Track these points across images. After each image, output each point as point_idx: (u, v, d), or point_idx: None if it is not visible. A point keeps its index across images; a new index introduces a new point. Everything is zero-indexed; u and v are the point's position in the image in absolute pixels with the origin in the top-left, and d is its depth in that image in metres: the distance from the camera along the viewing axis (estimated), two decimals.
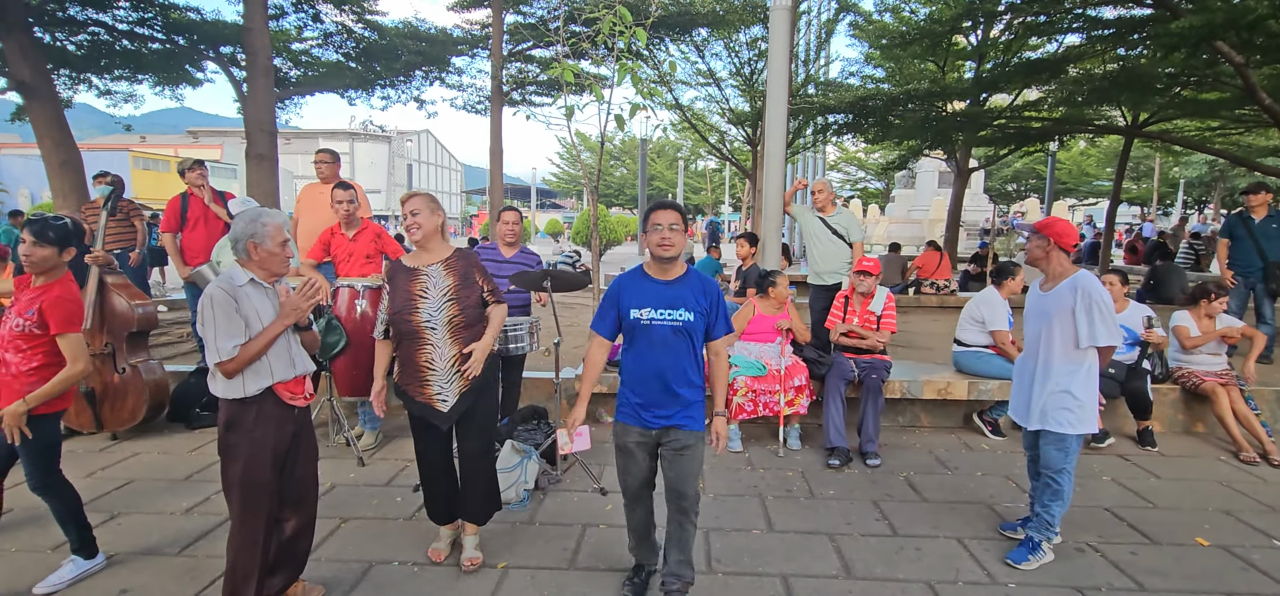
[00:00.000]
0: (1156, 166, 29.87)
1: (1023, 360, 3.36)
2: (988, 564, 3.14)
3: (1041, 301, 3.24)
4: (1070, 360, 3.09)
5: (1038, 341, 3.21)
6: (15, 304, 2.87)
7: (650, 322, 2.63)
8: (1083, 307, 3.04)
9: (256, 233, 2.47)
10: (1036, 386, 3.19)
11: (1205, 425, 4.99)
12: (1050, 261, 3.20)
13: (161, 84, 11.19)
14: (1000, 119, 11.18)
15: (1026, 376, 3.28)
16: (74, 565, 2.96)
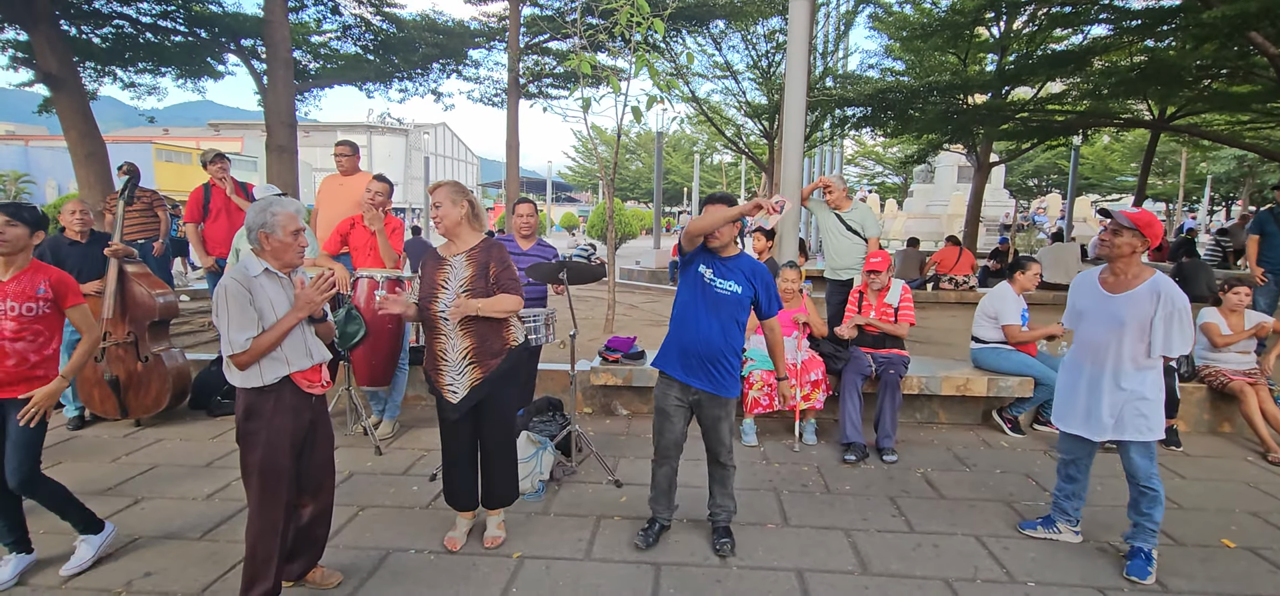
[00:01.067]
0: (1183, 162, 29.26)
1: (1077, 364, 3.11)
2: (1007, 562, 3.10)
3: (1108, 303, 2.97)
4: (1142, 366, 2.92)
5: (1103, 346, 2.97)
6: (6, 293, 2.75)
7: (710, 281, 3.00)
8: (1164, 316, 2.83)
9: (267, 222, 2.48)
10: (1104, 395, 2.96)
11: (1232, 425, 4.89)
12: (1131, 260, 2.94)
13: (184, 77, 11.35)
14: (1022, 112, 11.00)
15: (1084, 382, 3.05)
16: (88, 544, 3.00)
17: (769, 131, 14.81)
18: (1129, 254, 2.93)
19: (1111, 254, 2.97)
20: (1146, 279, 2.92)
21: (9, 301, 2.76)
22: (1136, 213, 2.91)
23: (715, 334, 2.98)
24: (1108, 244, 2.97)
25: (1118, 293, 2.97)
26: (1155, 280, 2.90)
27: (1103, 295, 3.03)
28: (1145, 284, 2.91)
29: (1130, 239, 2.90)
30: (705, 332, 2.98)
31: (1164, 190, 33.14)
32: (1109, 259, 3.01)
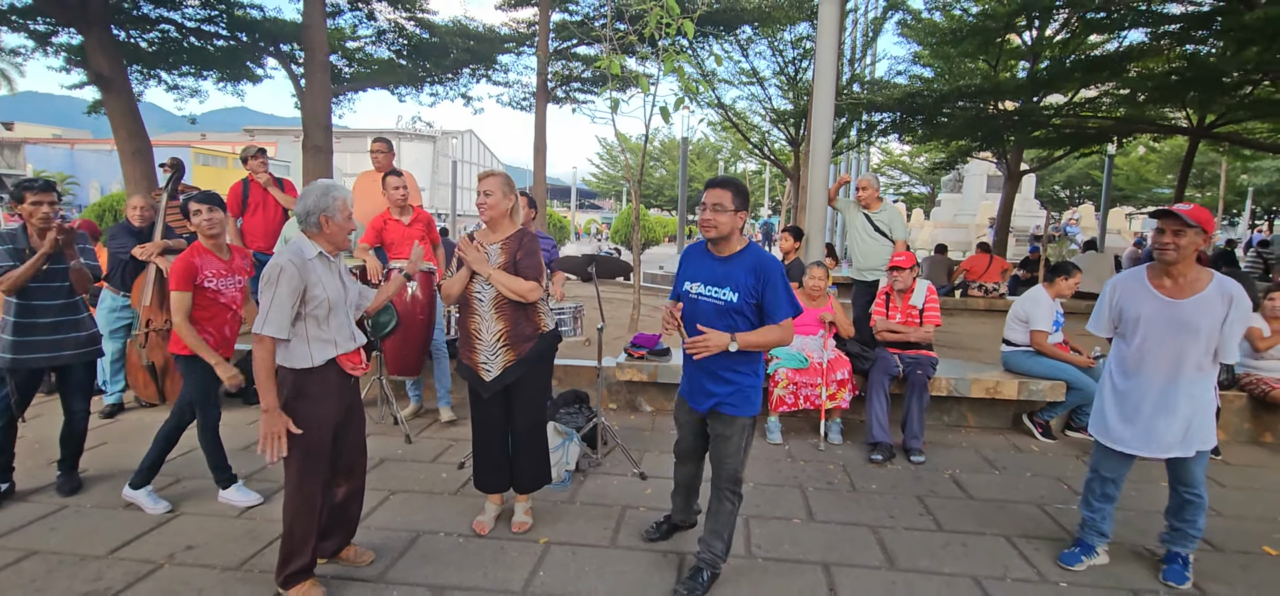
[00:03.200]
0: (1223, 173, 28.46)
1: (1134, 376, 2.84)
2: (1038, 562, 3.06)
3: (1173, 309, 2.74)
4: (1206, 373, 2.77)
5: (1170, 357, 2.74)
6: (227, 269, 3.38)
7: (697, 297, 2.68)
8: (1236, 318, 2.66)
9: (328, 206, 2.56)
10: (1177, 411, 2.75)
11: (1273, 435, 4.75)
12: (1192, 262, 2.74)
13: (224, 80, 11.73)
14: (1056, 118, 10.83)
15: (1149, 397, 2.80)
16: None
17: (795, 138, 14.77)
18: (1192, 254, 2.72)
19: (1176, 257, 2.71)
20: (1209, 281, 2.73)
21: (237, 276, 3.44)
22: (1193, 209, 2.71)
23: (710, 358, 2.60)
24: (1172, 246, 2.70)
25: (1183, 298, 2.73)
26: (1219, 281, 2.72)
27: (1163, 301, 2.77)
28: (1211, 286, 2.72)
29: (1194, 237, 2.67)
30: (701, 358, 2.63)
31: (1203, 202, 32.23)
32: (1171, 263, 2.74)
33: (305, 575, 2.60)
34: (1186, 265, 2.74)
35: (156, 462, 3.45)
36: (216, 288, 3.33)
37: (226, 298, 3.38)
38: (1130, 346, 2.86)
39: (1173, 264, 2.74)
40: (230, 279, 3.40)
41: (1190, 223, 2.65)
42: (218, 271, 3.34)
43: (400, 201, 4.59)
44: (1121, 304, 2.90)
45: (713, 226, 2.59)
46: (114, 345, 4.95)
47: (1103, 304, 2.98)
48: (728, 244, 2.66)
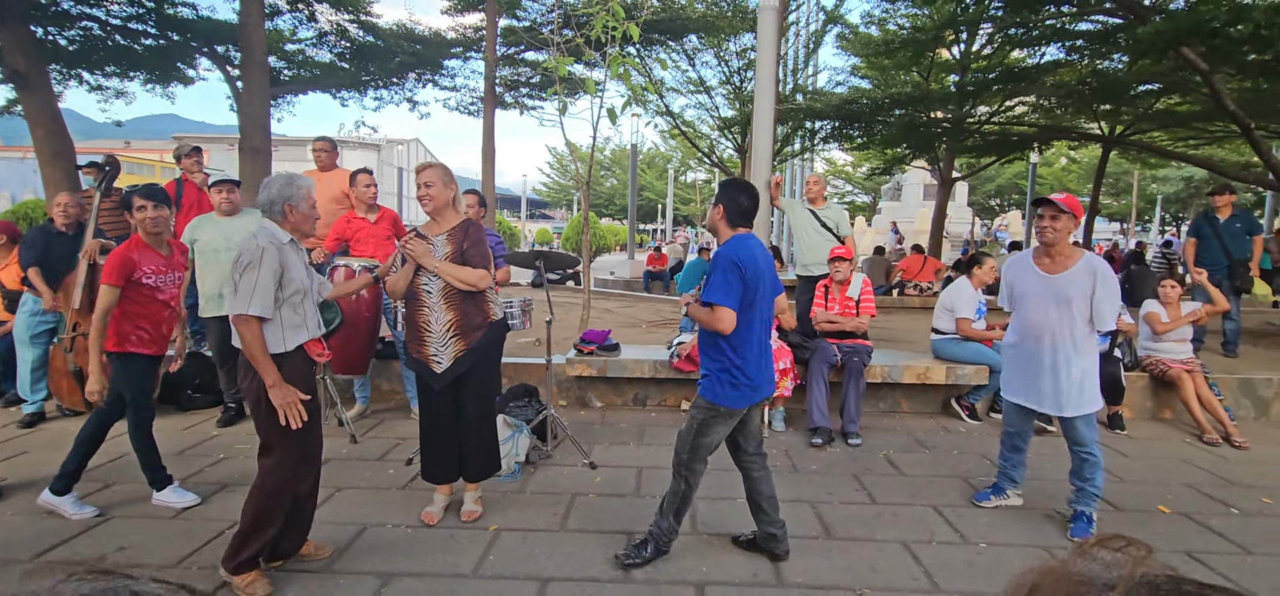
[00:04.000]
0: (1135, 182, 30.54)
1: (1024, 343, 3.25)
2: (961, 527, 3.28)
3: (1050, 284, 3.13)
4: (1088, 340, 3.12)
5: (1050, 326, 3.13)
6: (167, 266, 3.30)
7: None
8: (1105, 291, 3.04)
9: (292, 195, 2.61)
10: (1059, 372, 3.12)
11: (1172, 412, 5.18)
12: (1067, 243, 3.13)
13: (153, 82, 11.23)
14: (985, 125, 11.50)
15: (1036, 362, 3.19)
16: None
17: (741, 146, 15.13)
18: (1066, 236, 3.14)
19: (1054, 239, 3.12)
20: (1079, 258, 3.14)
21: (176, 273, 3.34)
22: (1065, 197, 3.15)
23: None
24: (1050, 228, 3.12)
25: (1057, 273, 3.15)
26: (1088, 258, 3.14)
27: (1043, 277, 3.18)
28: (1080, 262, 3.13)
29: (1067, 222, 3.12)
30: None
31: (1118, 210, 34.49)
32: (1050, 243, 3.16)
33: (253, 564, 2.59)
34: (1062, 245, 3.14)
35: (80, 466, 3.32)
36: (155, 284, 3.25)
37: (165, 294, 3.31)
38: (1021, 316, 3.31)
39: (1052, 244, 3.14)
40: (169, 275, 3.33)
41: (1064, 209, 3.09)
42: (157, 268, 3.27)
43: (370, 199, 4.62)
44: (1012, 280, 3.36)
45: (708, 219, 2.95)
46: (35, 352, 4.72)
47: (1003, 280, 3.46)
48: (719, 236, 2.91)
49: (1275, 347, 6.65)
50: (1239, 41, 6.11)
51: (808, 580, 2.76)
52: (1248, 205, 15.90)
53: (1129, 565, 0.47)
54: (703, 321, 2.78)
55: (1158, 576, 0.46)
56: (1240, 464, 4.26)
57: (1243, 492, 3.79)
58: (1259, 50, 6.19)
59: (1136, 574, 0.46)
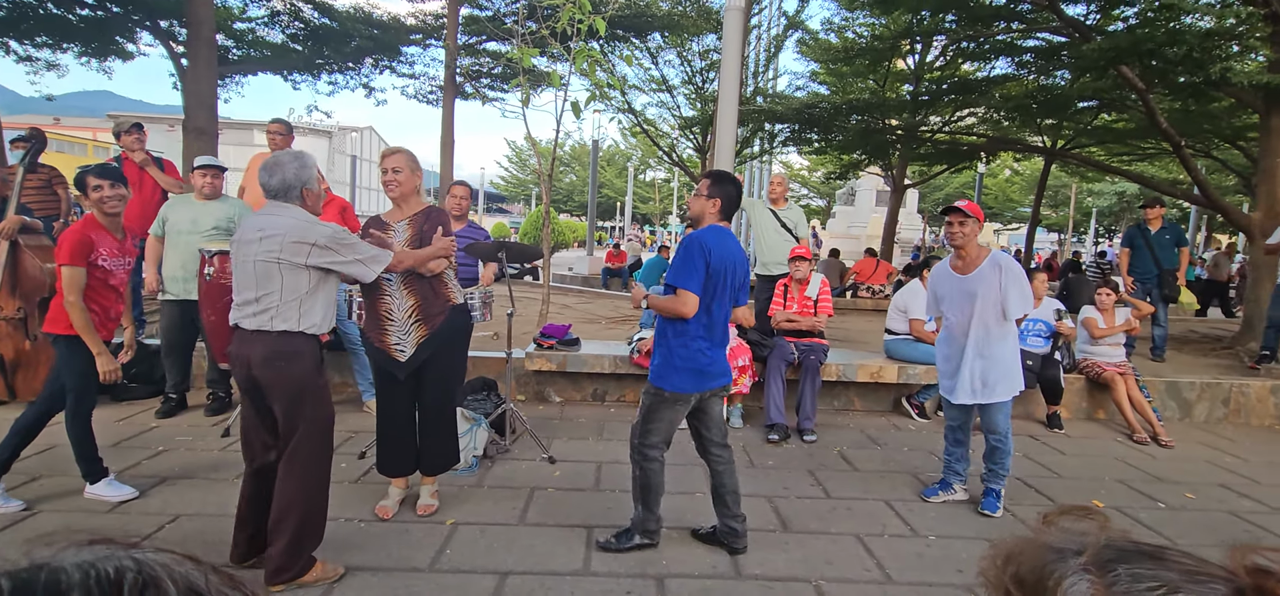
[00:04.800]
0: (1073, 194, 32.03)
1: (949, 341, 3.52)
2: (911, 520, 3.38)
3: (962, 284, 3.40)
4: (1000, 332, 3.35)
5: (965, 321, 3.38)
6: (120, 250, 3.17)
7: None
8: (1009, 282, 3.29)
9: (308, 178, 2.57)
10: (971, 363, 3.37)
11: (1105, 412, 5.46)
12: (974, 244, 3.41)
13: (89, 55, 10.61)
14: (937, 134, 11.90)
15: (956, 355, 3.45)
16: None
17: (702, 146, 15.26)
18: (973, 238, 3.38)
19: (963, 241, 3.38)
20: (985, 257, 3.39)
21: (127, 258, 3.21)
22: (969, 203, 3.42)
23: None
24: (959, 233, 3.38)
25: (968, 274, 3.41)
26: (995, 255, 3.39)
27: (956, 278, 3.43)
28: (986, 261, 3.38)
29: (973, 226, 3.37)
30: None
31: (1056, 220, 36.14)
32: (959, 246, 3.42)
33: (312, 561, 2.58)
34: (971, 247, 3.40)
35: (11, 457, 3.13)
36: (109, 267, 3.11)
37: (117, 279, 3.18)
38: (944, 318, 3.54)
39: (961, 247, 3.40)
40: (121, 260, 3.19)
41: (969, 214, 3.36)
42: (112, 250, 3.13)
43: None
44: (934, 286, 3.61)
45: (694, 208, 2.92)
46: None
47: (928, 291, 3.68)
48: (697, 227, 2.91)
49: (1199, 353, 7.08)
50: (1173, 63, 6.48)
51: (765, 572, 2.81)
52: (1175, 219, 16.87)
53: (1093, 532, 0.51)
54: (663, 308, 2.80)
55: (1121, 541, 0.49)
56: (1166, 461, 4.52)
57: (1169, 488, 4.02)
58: (1190, 72, 6.58)
59: (1101, 539, 0.50)
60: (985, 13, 8.58)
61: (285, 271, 2.45)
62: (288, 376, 2.48)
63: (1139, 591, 0.45)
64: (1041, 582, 0.49)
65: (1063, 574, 0.48)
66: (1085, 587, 0.47)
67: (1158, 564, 0.47)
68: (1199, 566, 0.47)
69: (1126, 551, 0.48)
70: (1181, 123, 8.90)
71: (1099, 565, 0.48)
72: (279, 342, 2.47)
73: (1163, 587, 0.45)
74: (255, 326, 2.49)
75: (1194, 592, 0.44)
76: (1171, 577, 0.45)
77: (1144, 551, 0.48)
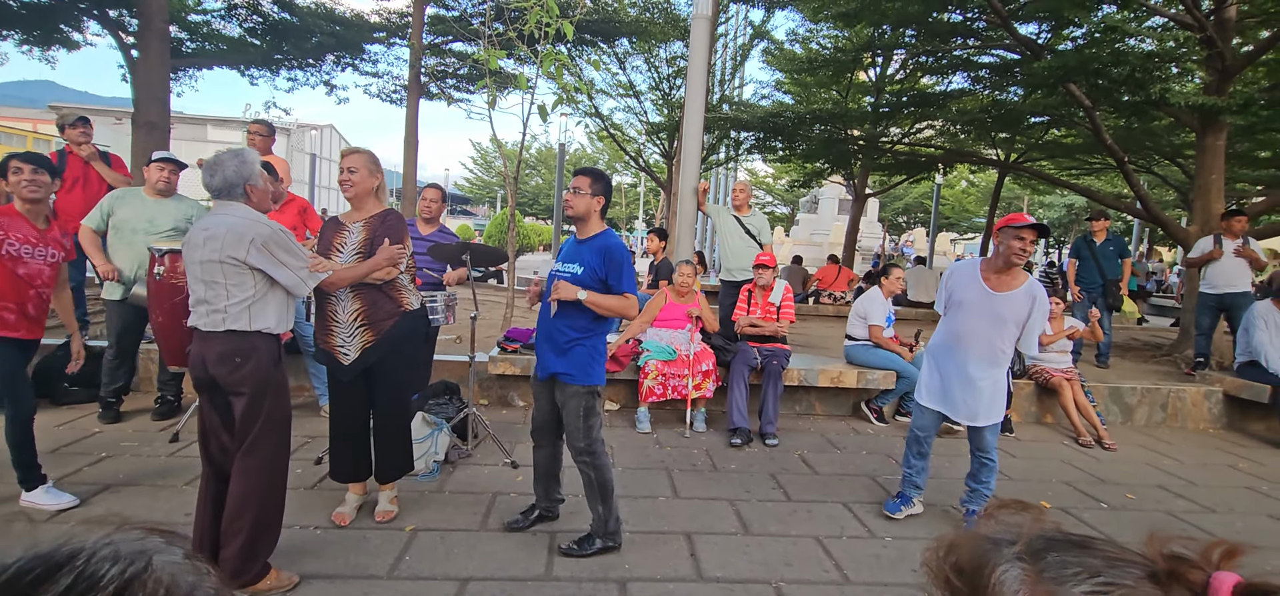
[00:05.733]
0: (1025, 206, 33.20)
1: (949, 349, 3.32)
2: (868, 523, 3.46)
3: (992, 301, 3.18)
4: (1004, 358, 3.28)
5: (980, 338, 3.21)
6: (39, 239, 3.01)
7: (555, 273, 2.95)
8: (1039, 316, 3.17)
9: (250, 173, 2.50)
10: (978, 384, 3.23)
11: (1053, 417, 5.67)
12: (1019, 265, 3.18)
13: (31, 43, 10.13)
14: (897, 144, 12.22)
15: (958, 370, 3.27)
16: None
17: (668, 151, 15.36)
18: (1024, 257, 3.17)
19: (1020, 259, 3.13)
20: (1024, 281, 3.22)
21: (49, 248, 3.05)
22: (1019, 215, 3.21)
23: (546, 313, 2.91)
24: (1022, 252, 3.11)
25: (1001, 292, 3.18)
26: (1031, 283, 3.22)
27: (987, 292, 3.21)
28: (1024, 287, 3.19)
29: (1030, 239, 3.13)
30: (542, 315, 2.95)
31: None
32: (1015, 263, 3.16)
33: (267, 567, 2.52)
34: (1020, 268, 3.21)
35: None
36: (17, 253, 2.93)
37: (29, 269, 2.97)
38: (953, 323, 3.36)
39: (1013, 265, 3.18)
40: (40, 250, 3.01)
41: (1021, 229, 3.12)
42: (25, 237, 2.96)
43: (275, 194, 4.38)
44: (954, 287, 3.38)
45: (569, 205, 2.89)
46: None
47: (941, 285, 3.49)
48: (585, 227, 2.93)
49: (1140, 360, 7.41)
50: (1117, 82, 6.79)
51: (726, 574, 2.84)
52: (1120, 231, 17.65)
53: (1028, 523, 0.55)
54: (613, 310, 2.87)
55: (1051, 531, 0.53)
56: (1109, 463, 4.72)
57: (1111, 488, 4.20)
58: (1133, 91, 6.90)
59: (1034, 530, 0.53)
60: (943, 29, 8.86)
61: (229, 272, 2.41)
62: (244, 373, 2.44)
63: (1066, 577, 0.49)
64: (979, 571, 0.53)
65: (997, 562, 0.52)
66: (1017, 574, 0.51)
67: (1083, 551, 0.51)
68: (1120, 553, 0.51)
69: (1056, 541, 0.52)
70: (1125, 139, 9.33)
71: (1031, 554, 0.52)
72: (234, 341, 2.43)
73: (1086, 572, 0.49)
74: (209, 327, 2.45)
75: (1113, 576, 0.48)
76: (1095, 563, 0.50)
77: (1072, 540, 0.53)
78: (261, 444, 2.47)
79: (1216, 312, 6.34)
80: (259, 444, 2.46)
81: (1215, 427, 5.86)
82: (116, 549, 0.41)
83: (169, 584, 0.40)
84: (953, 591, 0.55)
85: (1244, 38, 7.86)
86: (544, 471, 3.15)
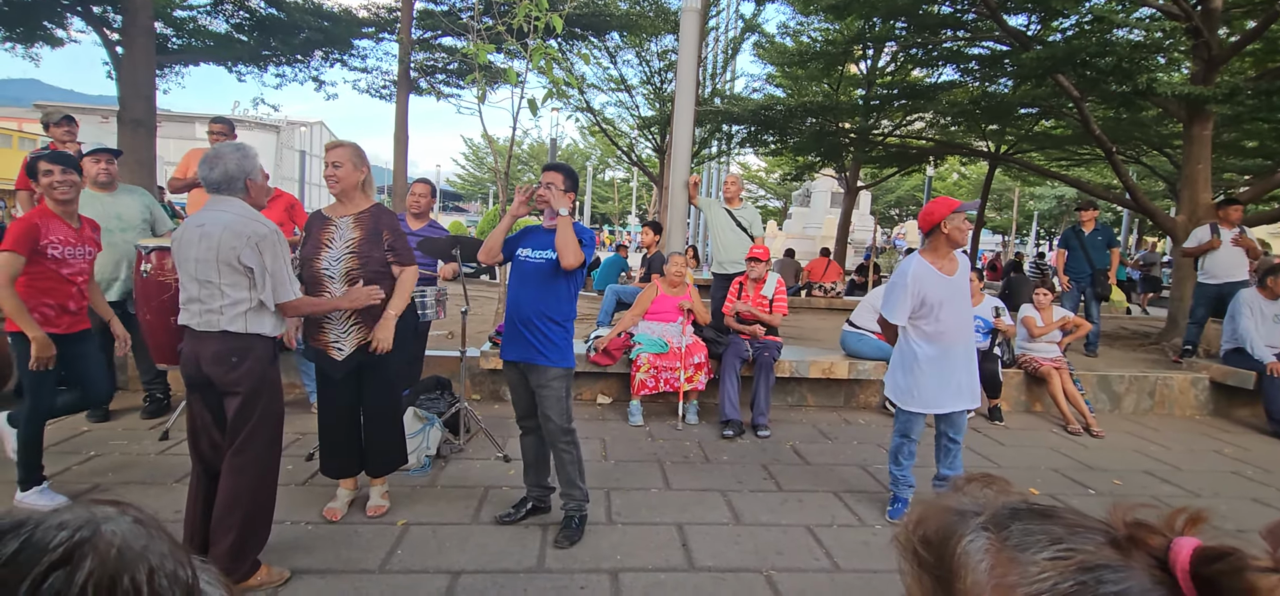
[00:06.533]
0: (1016, 198, 33.38)
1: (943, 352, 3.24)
2: (860, 512, 3.49)
3: (954, 284, 3.20)
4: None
5: (964, 323, 3.23)
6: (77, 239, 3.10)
7: (524, 259, 3.01)
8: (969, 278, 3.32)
9: (251, 168, 2.49)
10: (971, 365, 3.28)
11: (1042, 405, 5.72)
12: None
13: (13, 41, 10.00)
14: (888, 137, 12.26)
15: (952, 363, 3.23)
16: None
17: (660, 145, 15.34)
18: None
19: (965, 240, 3.21)
20: (959, 258, 3.32)
21: (87, 248, 3.15)
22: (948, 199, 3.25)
23: (525, 301, 2.94)
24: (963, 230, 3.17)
25: (955, 273, 3.24)
26: (960, 252, 3.31)
27: (946, 280, 3.19)
28: (963, 262, 3.31)
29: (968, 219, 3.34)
30: (515, 300, 2.98)
31: (1000, 223, 37.59)
32: (959, 244, 3.22)
33: (257, 563, 2.52)
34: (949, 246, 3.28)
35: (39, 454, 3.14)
36: (62, 256, 3.00)
37: (72, 269, 3.06)
38: (937, 322, 3.25)
39: (960, 246, 3.27)
40: (79, 249, 3.09)
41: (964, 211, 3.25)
42: (66, 239, 3.02)
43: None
44: (924, 290, 3.23)
45: (544, 201, 2.98)
46: None
47: (903, 294, 3.23)
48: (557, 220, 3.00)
49: (1128, 349, 7.47)
50: (1105, 73, 6.83)
51: (718, 563, 2.86)
52: (1109, 222, 17.77)
53: (994, 496, 0.56)
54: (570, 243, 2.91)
55: (1016, 502, 0.54)
56: (1097, 451, 4.77)
57: (1099, 475, 4.24)
58: (1121, 82, 6.94)
59: (1000, 501, 0.54)
60: (933, 21, 8.88)
61: (225, 272, 2.39)
62: (240, 373, 2.43)
63: (1029, 543, 0.50)
64: (945, 541, 0.54)
65: (963, 532, 0.53)
66: (983, 543, 0.52)
67: (1047, 520, 0.52)
68: (1082, 521, 0.52)
69: (1020, 510, 0.53)
70: (1113, 130, 9.40)
71: (996, 523, 0.53)
72: (230, 341, 2.43)
73: (1049, 539, 0.50)
74: (202, 326, 2.43)
75: (1075, 543, 0.49)
76: (1057, 531, 0.50)
77: (1036, 510, 0.54)
78: (253, 442, 2.46)
79: (1214, 303, 6.29)
80: (250, 442, 2.46)
81: (1202, 414, 5.92)
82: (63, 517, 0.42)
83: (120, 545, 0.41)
84: (921, 562, 0.56)
85: (1230, 28, 7.92)
86: (533, 456, 3.19)
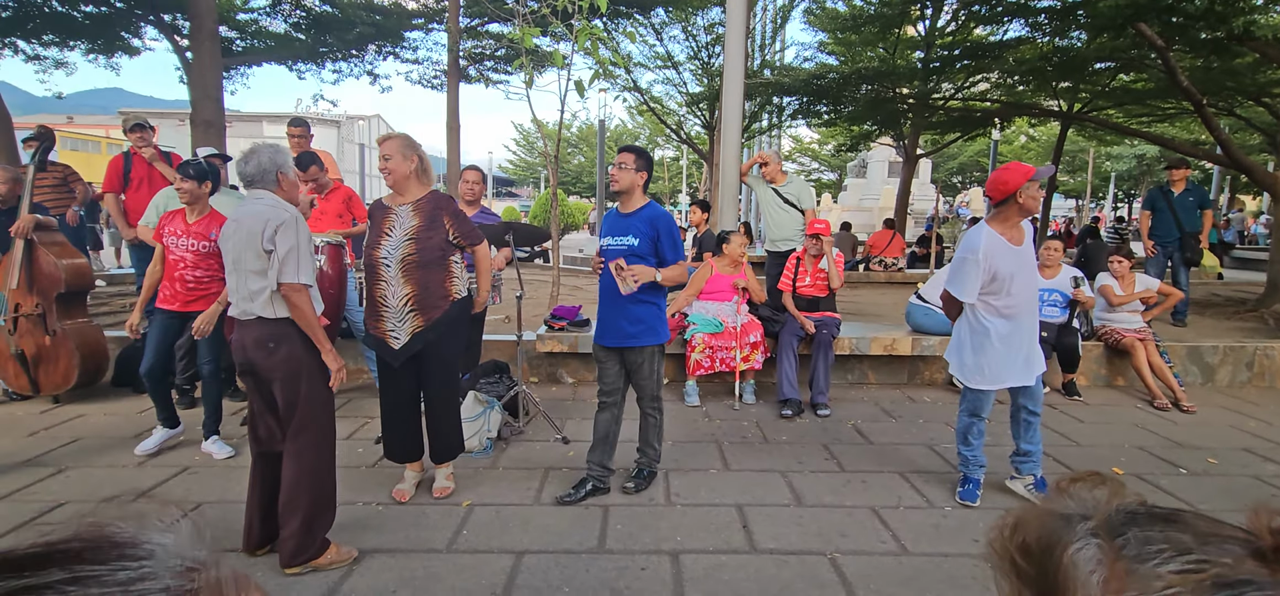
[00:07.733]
0: (1090, 160, 31.42)
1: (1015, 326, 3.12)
2: (928, 493, 3.36)
3: (1023, 255, 3.10)
4: None
5: (1032, 296, 3.16)
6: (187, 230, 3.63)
7: (608, 247, 3.15)
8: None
9: (283, 162, 2.60)
10: (1034, 337, 3.20)
11: (1125, 379, 5.38)
12: None
13: (96, 52, 10.65)
14: (950, 100, 11.67)
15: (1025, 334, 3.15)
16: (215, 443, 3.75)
17: (709, 122, 15.10)
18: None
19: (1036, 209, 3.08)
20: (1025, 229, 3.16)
21: (190, 239, 3.61)
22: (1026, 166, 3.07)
23: (612, 286, 3.04)
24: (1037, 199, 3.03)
25: (1022, 243, 3.11)
26: (1026, 224, 3.16)
27: (1016, 251, 3.06)
28: (1029, 232, 3.15)
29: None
30: (607, 286, 3.11)
31: (1074, 186, 35.48)
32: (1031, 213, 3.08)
33: (325, 543, 2.61)
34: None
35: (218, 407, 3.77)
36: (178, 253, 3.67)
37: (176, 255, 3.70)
38: (1010, 297, 3.08)
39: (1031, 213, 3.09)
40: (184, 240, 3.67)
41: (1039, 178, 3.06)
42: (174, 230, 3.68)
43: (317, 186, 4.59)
44: (996, 264, 3.05)
45: (614, 180, 3.09)
46: None
47: (974, 269, 3.04)
48: (629, 200, 3.14)
49: (1221, 317, 6.94)
50: (1193, 18, 6.27)
51: (780, 545, 2.81)
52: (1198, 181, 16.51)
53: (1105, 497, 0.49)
54: (674, 279, 3.15)
55: (1133, 504, 0.47)
56: (1188, 427, 4.45)
57: (1191, 454, 3.96)
58: (1211, 27, 6.36)
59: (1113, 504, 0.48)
60: None
61: (251, 258, 2.50)
62: (278, 359, 2.53)
63: (1150, 554, 0.43)
64: (1049, 550, 0.48)
65: (1070, 540, 0.47)
66: (1093, 552, 0.45)
67: (1170, 526, 0.45)
68: (1215, 528, 0.44)
69: (1137, 515, 0.46)
70: (1203, 80, 8.63)
71: (1108, 529, 0.46)
72: (266, 327, 2.53)
73: (1175, 549, 0.43)
74: (242, 314, 2.56)
75: (1208, 554, 0.42)
76: (1185, 540, 0.43)
77: (1156, 515, 0.46)
78: (306, 427, 2.56)
79: None
80: (304, 427, 2.56)
81: None
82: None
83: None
84: (1019, 573, 0.49)
85: None
86: (603, 433, 3.30)
